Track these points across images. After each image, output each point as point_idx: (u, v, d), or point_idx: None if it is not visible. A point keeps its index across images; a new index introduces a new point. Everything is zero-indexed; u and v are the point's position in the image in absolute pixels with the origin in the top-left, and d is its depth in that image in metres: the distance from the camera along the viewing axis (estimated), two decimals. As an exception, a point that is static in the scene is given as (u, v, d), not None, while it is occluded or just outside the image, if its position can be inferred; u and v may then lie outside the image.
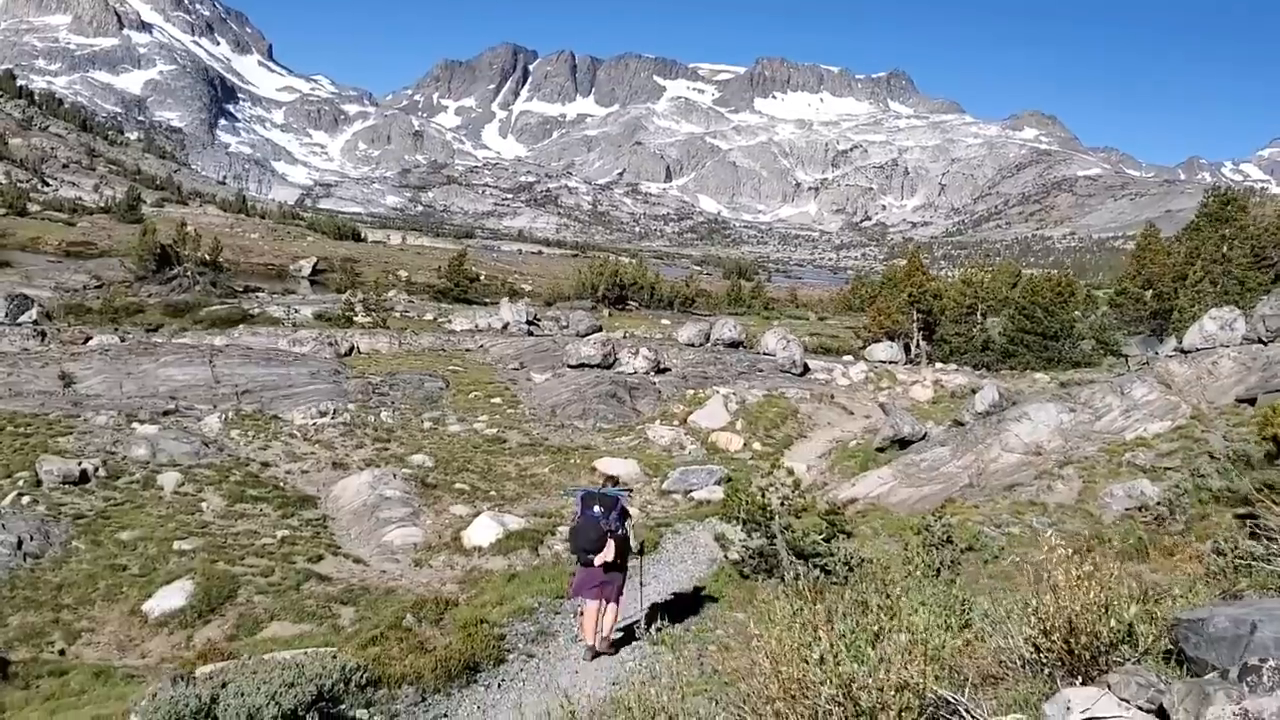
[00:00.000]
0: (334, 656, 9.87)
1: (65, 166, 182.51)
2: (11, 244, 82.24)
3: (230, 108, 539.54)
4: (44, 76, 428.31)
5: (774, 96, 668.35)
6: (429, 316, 51.52)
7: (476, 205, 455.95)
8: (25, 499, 17.23)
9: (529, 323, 43.04)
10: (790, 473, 15.07)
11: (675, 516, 18.53)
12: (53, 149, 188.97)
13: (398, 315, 50.02)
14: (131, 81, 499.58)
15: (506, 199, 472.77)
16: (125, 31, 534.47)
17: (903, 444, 22.00)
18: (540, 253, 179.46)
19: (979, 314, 40.31)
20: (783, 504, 14.58)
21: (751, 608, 13.71)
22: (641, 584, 12.17)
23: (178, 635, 13.87)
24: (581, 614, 11.19)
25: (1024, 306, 36.98)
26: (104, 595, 14.51)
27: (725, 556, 15.55)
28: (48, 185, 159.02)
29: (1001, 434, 19.42)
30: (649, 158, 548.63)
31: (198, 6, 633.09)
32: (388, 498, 18.54)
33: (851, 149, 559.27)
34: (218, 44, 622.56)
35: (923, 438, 22.05)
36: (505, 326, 41.95)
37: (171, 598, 14.36)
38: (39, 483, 18.07)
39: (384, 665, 10.27)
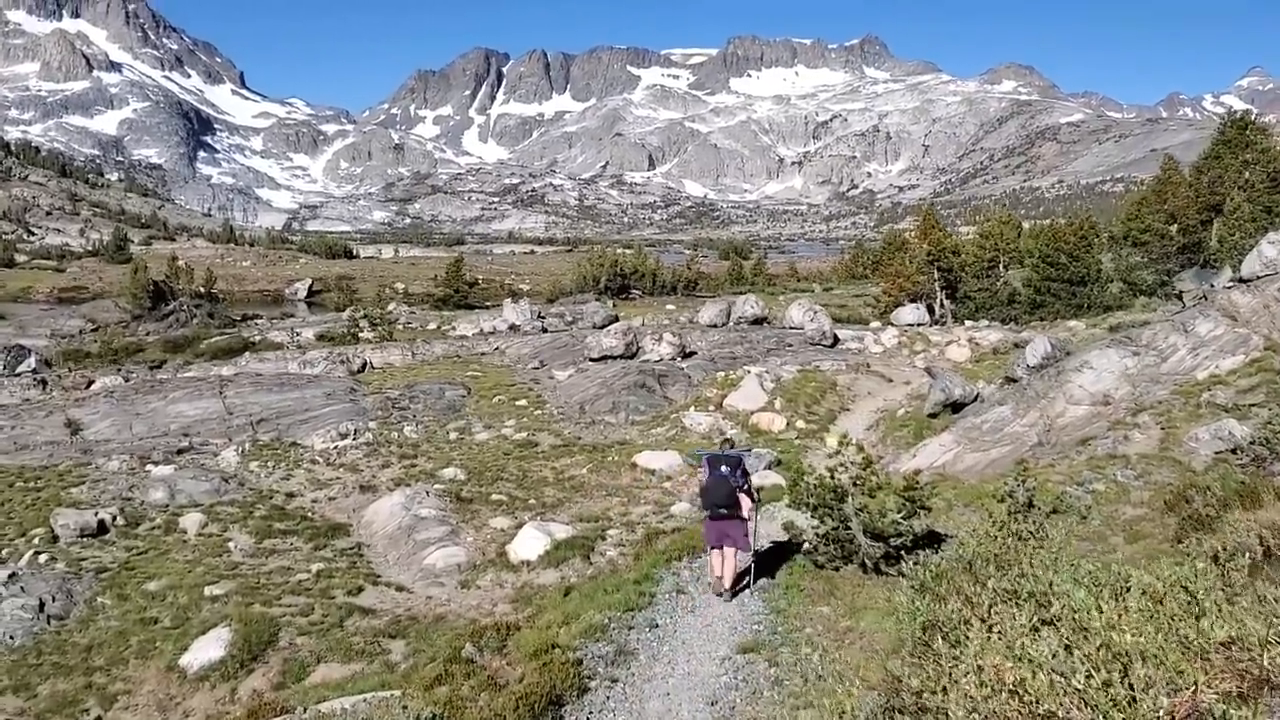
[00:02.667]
0: (404, 707, 8.80)
1: (49, 214, 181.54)
2: (2, 296, 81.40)
3: (208, 139, 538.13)
4: (17, 126, 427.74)
5: (749, 75, 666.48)
6: (432, 325, 50.53)
7: (464, 212, 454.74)
8: (43, 557, 16.19)
9: (538, 319, 41.95)
10: (860, 449, 13.99)
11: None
12: (34, 198, 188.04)
13: (400, 327, 48.98)
14: (106, 123, 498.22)
15: (493, 202, 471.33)
16: (95, 73, 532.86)
17: (955, 408, 20.89)
18: (533, 252, 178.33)
19: (1001, 266, 39.10)
20: (855, 483, 13.53)
21: (835, 600, 12.71)
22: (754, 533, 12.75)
23: (221, 689, 12.82)
24: (712, 562, 12.31)
25: (1047, 254, 35.79)
26: (137, 653, 13.46)
27: (796, 546, 14.48)
28: (33, 234, 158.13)
29: (1064, 386, 18.30)
30: (630, 148, 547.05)
31: (165, 41, 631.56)
32: (423, 517, 17.47)
33: (831, 119, 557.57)
34: (189, 77, 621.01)
35: (975, 399, 20.94)
36: (515, 328, 40.81)
37: (209, 649, 13.30)
38: (55, 538, 17.05)
39: (458, 709, 9.18)
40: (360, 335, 44.45)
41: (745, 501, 11.80)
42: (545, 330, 39.14)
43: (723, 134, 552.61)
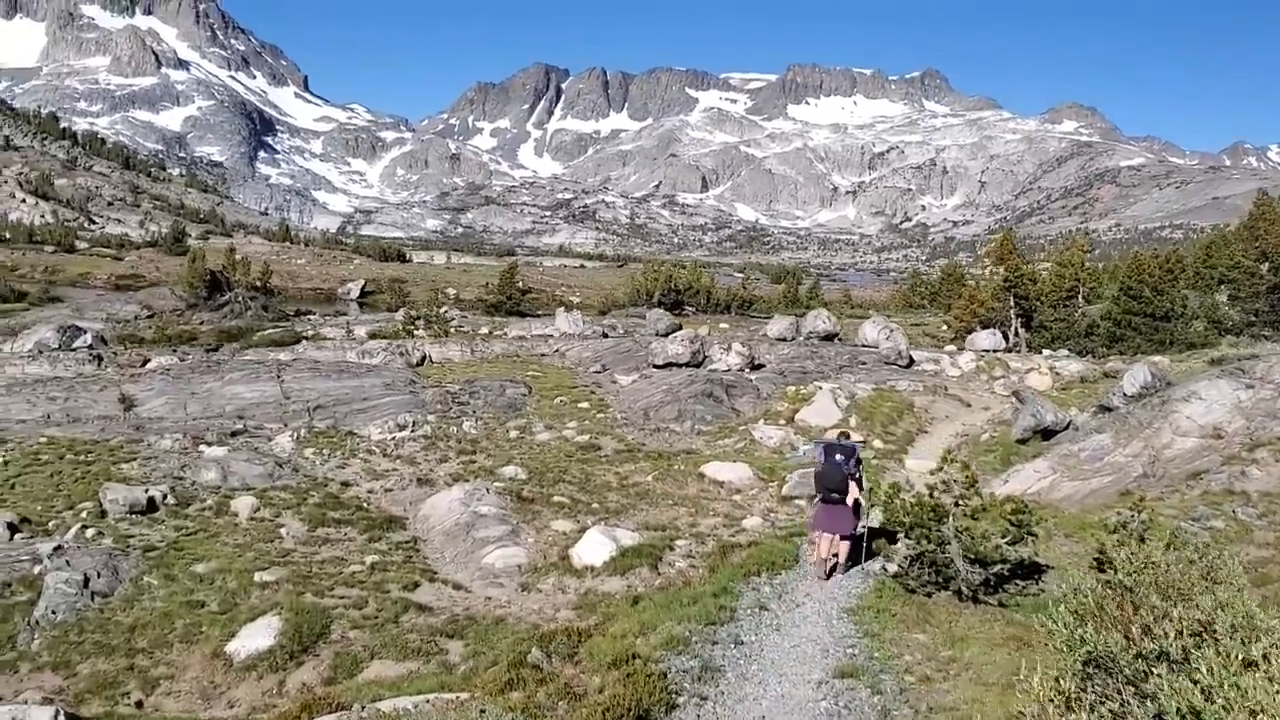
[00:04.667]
0: (481, 711, 7.94)
1: (110, 204, 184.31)
2: (62, 280, 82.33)
3: (269, 140, 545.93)
4: (86, 118, 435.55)
5: (807, 102, 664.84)
6: (484, 330, 49.91)
7: (515, 224, 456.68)
8: (90, 531, 15.61)
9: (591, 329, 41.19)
10: (965, 467, 12.98)
11: (805, 525, 16.35)
12: (97, 188, 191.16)
13: (453, 330, 48.48)
14: (171, 119, 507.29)
15: (545, 216, 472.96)
16: (163, 70, 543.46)
17: (1045, 435, 19.77)
18: (582, 266, 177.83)
19: (1080, 297, 37.66)
20: (956, 504, 12.53)
21: (931, 627, 11.69)
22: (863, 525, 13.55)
23: (268, 680, 12.06)
24: (815, 544, 13.35)
25: (1129, 287, 34.37)
26: (182, 636, 12.76)
27: (883, 568, 13.50)
28: (94, 223, 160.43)
29: (1169, 416, 17.15)
30: (684, 169, 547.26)
31: (233, 42, 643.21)
32: (482, 515, 16.67)
33: (888, 150, 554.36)
34: (254, 78, 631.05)
35: (1067, 426, 19.81)
36: (567, 337, 40.06)
37: (258, 637, 12.56)
38: (104, 513, 16.48)
39: (536, 717, 8.30)
40: (414, 333, 43.96)
41: (854, 489, 12.63)
42: (606, 335, 38.31)
43: (778, 160, 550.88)
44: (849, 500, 12.66)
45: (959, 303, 40.94)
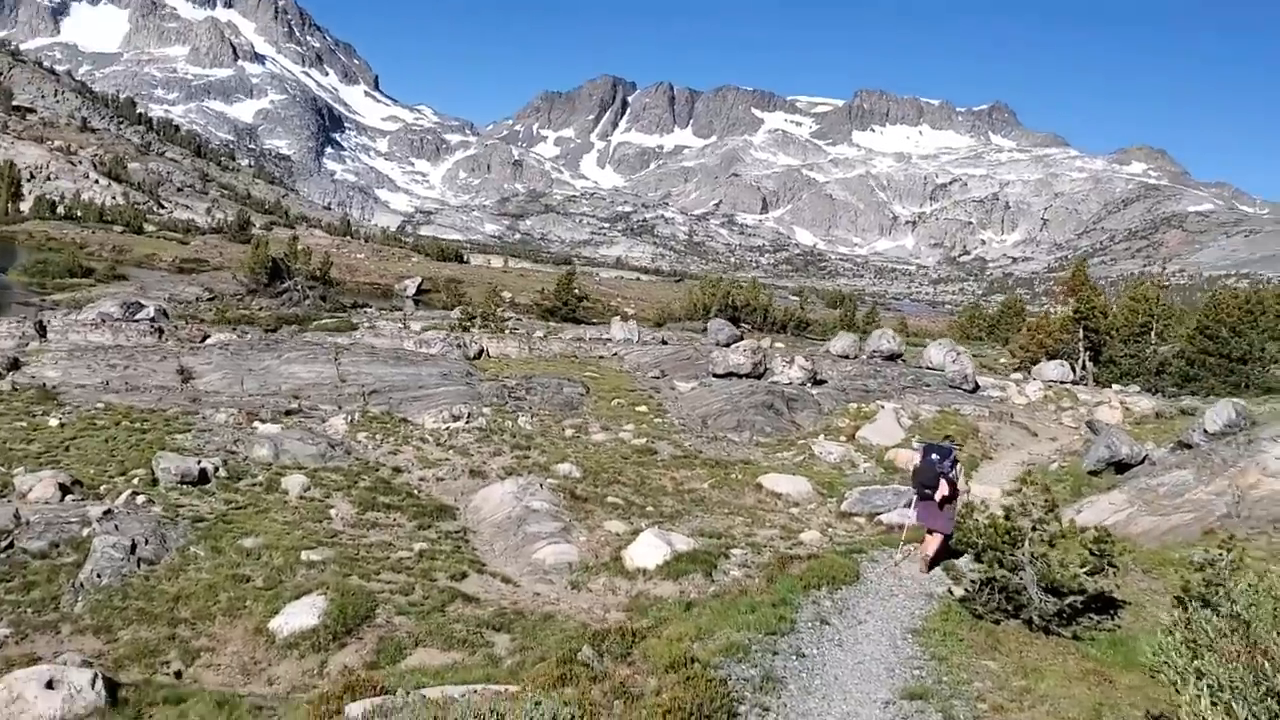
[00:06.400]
0: (537, 703, 7.50)
1: (179, 190, 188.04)
2: (128, 260, 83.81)
3: (337, 136, 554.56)
4: (162, 105, 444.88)
5: (873, 129, 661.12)
6: (539, 334, 49.80)
7: (573, 234, 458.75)
8: (140, 498, 15.47)
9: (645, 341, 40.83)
10: (1046, 489, 12.39)
11: (865, 542, 15.86)
12: (168, 173, 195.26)
13: (508, 332, 48.43)
14: (244, 110, 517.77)
15: (603, 228, 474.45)
16: (239, 63, 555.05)
17: (1119, 468, 19.00)
18: (638, 279, 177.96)
19: (1153, 334, 36.54)
20: (1034, 529, 11.93)
21: (1001, 655, 11.13)
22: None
23: (310, 660, 11.75)
24: (923, 540, 14.04)
25: (1206, 326, 33.26)
26: (225, 610, 12.49)
27: (949, 590, 12.93)
28: (163, 207, 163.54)
29: (1257, 456, 16.36)
30: (745, 189, 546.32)
31: (308, 39, 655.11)
32: (535, 510, 16.32)
33: (951, 182, 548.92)
34: (326, 75, 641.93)
35: (1143, 460, 19.03)
36: (634, 341, 39.73)
37: (302, 615, 12.26)
38: (155, 481, 16.39)
39: (592, 715, 7.89)
40: (470, 331, 43.96)
41: (944, 487, 13.29)
42: (665, 342, 37.93)
43: (839, 185, 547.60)
44: (937, 496, 13.32)
45: (1023, 334, 39.96)
